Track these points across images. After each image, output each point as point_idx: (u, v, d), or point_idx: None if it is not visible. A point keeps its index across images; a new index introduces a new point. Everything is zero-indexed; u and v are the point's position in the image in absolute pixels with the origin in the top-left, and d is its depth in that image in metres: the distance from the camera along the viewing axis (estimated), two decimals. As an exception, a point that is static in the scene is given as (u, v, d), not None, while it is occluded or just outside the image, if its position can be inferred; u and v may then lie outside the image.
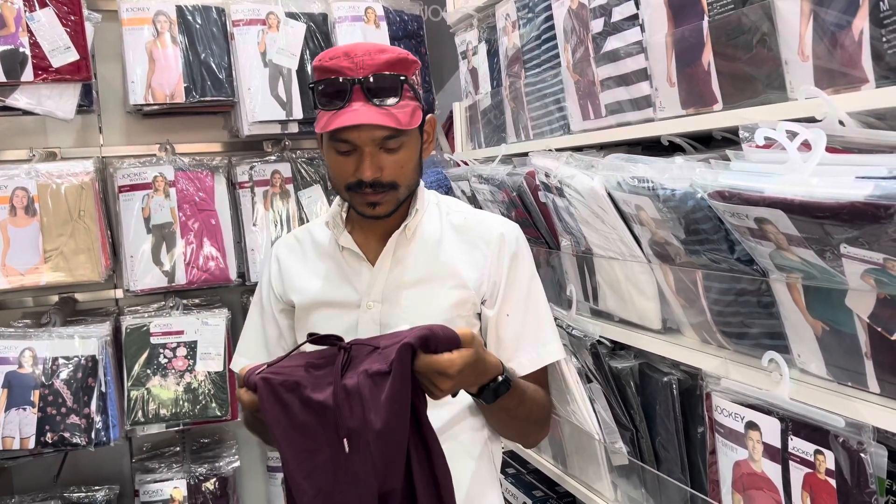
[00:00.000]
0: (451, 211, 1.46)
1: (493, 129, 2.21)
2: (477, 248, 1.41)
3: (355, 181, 1.31)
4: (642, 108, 1.45)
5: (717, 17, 1.21)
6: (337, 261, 1.43)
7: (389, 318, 1.38)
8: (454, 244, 1.42)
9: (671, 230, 1.24)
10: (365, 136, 1.28)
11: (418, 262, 1.40)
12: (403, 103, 1.29)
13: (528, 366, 1.41)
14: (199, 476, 2.60)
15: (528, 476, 2.22)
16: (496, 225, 1.44)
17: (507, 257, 1.41)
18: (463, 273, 1.39)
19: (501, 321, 1.41)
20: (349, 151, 1.31)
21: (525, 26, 1.89)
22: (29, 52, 2.32)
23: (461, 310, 1.39)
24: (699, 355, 1.33)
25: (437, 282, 1.39)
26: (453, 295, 1.38)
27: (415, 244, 1.41)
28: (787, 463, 1.11)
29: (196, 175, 2.61)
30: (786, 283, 1.07)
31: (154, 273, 2.51)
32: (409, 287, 1.39)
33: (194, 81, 2.52)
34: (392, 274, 1.39)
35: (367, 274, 1.40)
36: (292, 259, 1.49)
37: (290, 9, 2.64)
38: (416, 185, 1.40)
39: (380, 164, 1.30)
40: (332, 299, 1.42)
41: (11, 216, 2.37)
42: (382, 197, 1.33)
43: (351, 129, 1.28)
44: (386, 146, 1.30)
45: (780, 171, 0.97)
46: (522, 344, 1.42)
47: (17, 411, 2.27)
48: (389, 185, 1.32)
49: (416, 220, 1.41)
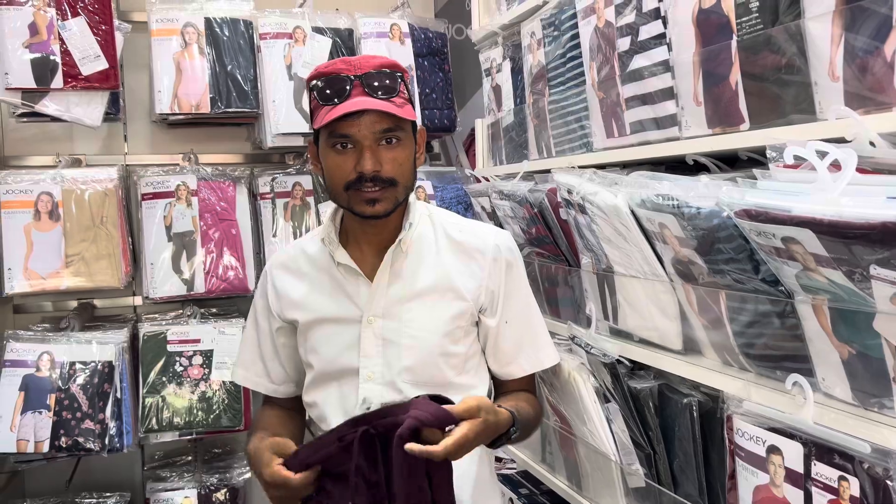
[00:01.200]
0: (444, 223, 1.47)
1: (514, 147, 2.21)
2: (473, 259, 1.44)
3: (355, 177, 1.32)
4: (667, 126, 1.44)
5: (745, 36, 1.21)
6: (333, 276, 1.44)
7: (391, 332, 1.40)
8: (450, 256, 1.43)
9: (695, 249, 1.23)
10: (365, 129, 1.30)
11: (416, 275, 1.41)
12: (400, 100, 1.33)
13: (528, 368, 1.49)
14: (209, 486, 2.59)
15: (541, 497, 2.20)
16: (490, 235, 1.47)
17: (503, 268, 1.45)
18: (460, 285, 1.41)
19: (501, 329, 1.46)
20: (348, 147, 1.32)
21: (550, 44, 1.90)
22: (59, 60, 2.36)
23: (460, 321, 1.42)
24: (721, 377, 1.31)
25: (437, 295, 1.41)
26: (453, 307, 1.41)
27: (411, 258, 1.42)
28: (810, 489, 1.09)
29: (218, 185, 2.63)
30: (811, 305, 1.06)
31: (173, 281, 2.52)
32: (409, 301, 1.40)
33: (220, 92, 2.55)
34: (391, 288, 1.41)
35: (366, 289, 1.41)
36: (288, 277, 1.49)
37: (316, 24, 2.67)
38: (411, 188, 1.41)
39: (379, 158, 1.32)
40: (332, 315, 1.43)
41: (36, 220, 2.40)
42: (382, 193, 1.33)
43: (351, 122, 1.30)
44: (385, 138, 1.32)
45: (808, 191, 0.96)
46: (522, 349, 1.48)
47: (32, 414, 2.29)
48: (389, 181, 1.33)
49: (410, 233, 1.42)
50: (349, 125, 1.30)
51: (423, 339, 1.39)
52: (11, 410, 2.28)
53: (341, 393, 1.42)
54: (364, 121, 1.30)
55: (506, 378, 1.51)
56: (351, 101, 1.30)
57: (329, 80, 1.32)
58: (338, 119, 1.30)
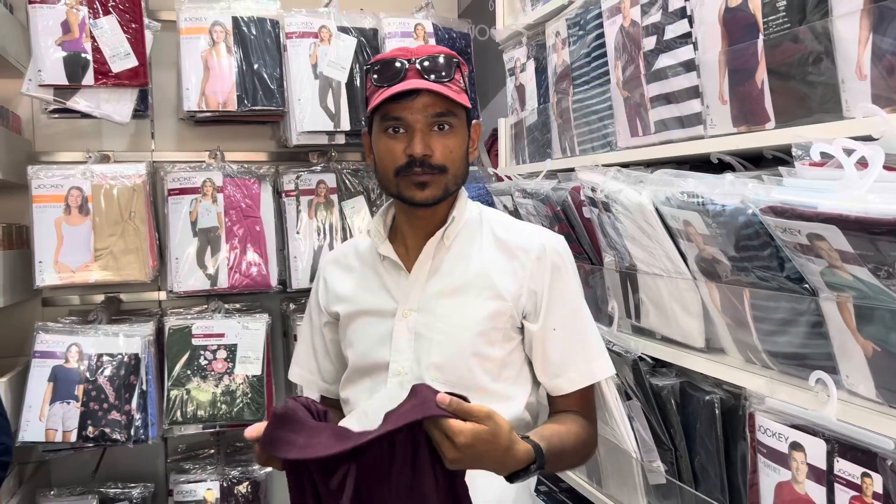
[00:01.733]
0: (492, 221, 1.44)
1: (537, 146, 2.22)
2: (516, 259, 1.38)
3: (405, 161, 1.31)
4: (692, 125, 1.45)
5: (772, 35, 1.22)
6: (377, 270, 1.43)
7: (424, 326, 1.36)
8: (492, 254, 1.39)
9: (720, 246, 1.24)
10: (418, 112, 1.30)
11: (455, 271, 1.38)
12: (455, 84, 1.32)
13: (578, 381, 1.38)
14: (232, 479, 2.63)
15: (560, 494, 2.21)
16: (537, 236, 1.41)
17: (548, 269, 1.37)
18: (500, 284, 1.36)
19: (548, 336, 1.37)
20: (400, 131, 1.32)
21: (575, 44, 1.91)
22: (91, 58, 2.40)
23: (497, 321, 1.36)
24: (743, 374, 1.32)
25: (474, 292, 1.36)
26: (489, 306, 1.36)
27: (452, 253, 1.39)
28: (833, 485, 1.09)
29: (243, 182, 2.66)
30: (836, 303, 1.06)
31: (198, 276, 2.56)
32: (444, 296, 1.37)
33: (246, 90, 2.59)
34: (429, 282, 1.38)
35: (405, 282, 1.39)
36: (337, 271, 1.50)
37: (342, 23, 2.70)
38: (462, 179, 1.39)
39: (430, 143, 1.31)
40: (370, 308, 1.41)
41: (66, 215, 2.45)
42: (431, 178, 1.31)
43: (404, 104, 1.29)
44: (437, 124, 1.31)
45: (835, 188, 0.97)
46: (571, 359, 1.37)
47: (61, 404, 2.33)
48: (439, 167, 1.32)
49: (455, 227, 1.40)
50: (401, 108, 1.30)
51: (454, 336, 1.34)
52: (40, 400, 2.33)
53: (372, 388, 1.40)
54: (416, 104, 1.29)
55: (556, 393, 1.40)
56: (405, 82, 1.30)
57: (385, 64, 1.32)
58: (391, 102, 1.30)
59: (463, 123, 1.36)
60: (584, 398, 1.40)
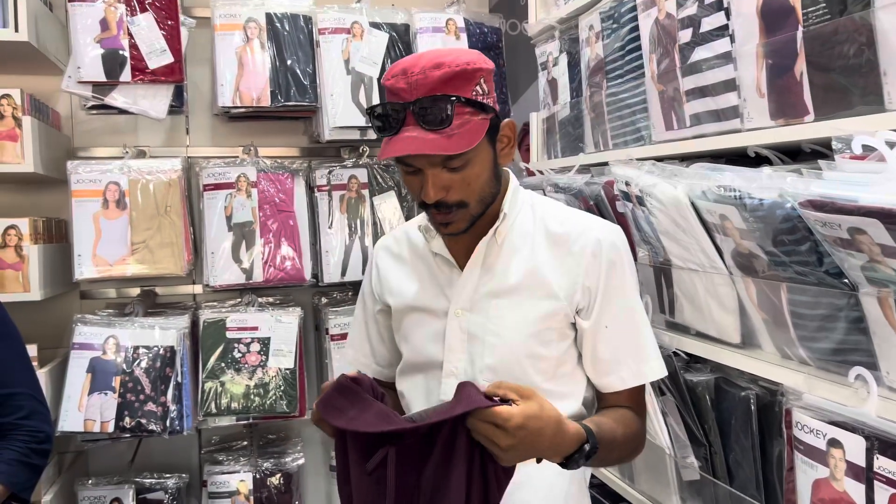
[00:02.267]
0: (546, 214, 1.38)
1: (570, 140, 2.22)
2: (570, 255, 1.33)
3: (423, 200, 1.29)
4: (729, 118, 1.44)
5: (812, 27, 1.20)
6: (429, 265, 1.41)
7: (475, 326, 1.34)
8: (546, 251, 1.35)
9: (757, 241, 1.23)
10: (422, 160, 1.25)
11: (508, 270, 1.34)
12: (460, 122, 1.23)
13: (629, 380, 1.34)
14: (264, 471, 2.66)
15: (591, 490, 2.20)
16: (594, 229, 1.35)
17: (604, 264, 1.32)
18: (553, 283, 1.32)
19: (600, 333, 1.33)
20: (414, 172, 1.28)
21: (609, 37, 1.90)
22: (128, 54, 2.44)
23: (551, 321, 1.33)
24: (781, 370, 1.31)
25: (527, 292, 1.33)
26: (543, 306, 1.32)
27: (505, 250, 1.36)
28: (872, 483, 1.08)
29: (277, 177, 2.69)
30: (877, 298, 1.05)
31: (233, 269, 2.59)
32: (497, 296, 1.34)
33: (280, 86, 2.61)
34: (481, 281, 1.35)
35: (457, 280, 1.37)
36: (390, 261, 1.48)
37: (374, 19, 2.71)
38: (492, 196, 1.33)
39: (443, 184, 1.26)
40: (423, 305, 1.40)
41: (104, 209, 2.49)
42: (451, 216, 1.29)
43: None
44: (449, 166, 1.25)
45: (876, 181, 0.96)
46: (623, 358, 1.34)
47: (99, 395, 2.38)
48: (456, 204, 1.28)
49: (505, 224, 1.35)
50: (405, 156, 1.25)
51: (507, 338, 1.32)
52: (79, 391, 2.38)
53: (427, 386, 1.39)
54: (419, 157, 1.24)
55: (606, 390, 1.37)
56: (403, 136, 1.23)
57: (381, 113, 1.26)
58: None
59: (482, 146, 1.27)
60: (634, 395, 1.37)
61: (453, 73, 1.22)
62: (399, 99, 1.24)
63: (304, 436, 2.95)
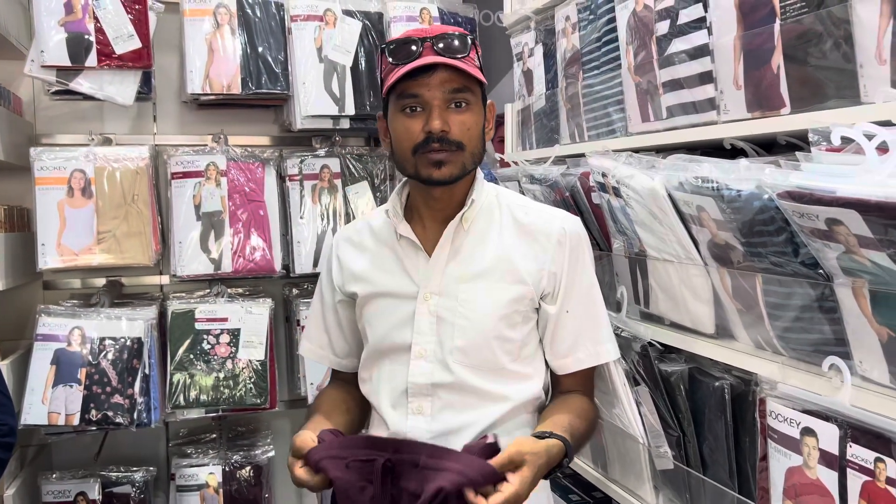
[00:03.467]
0: (510, 203, 1.45)
1: (545, 131, 2.22)
2: (537, 242, 1.40)
3: (423, 138, 1.32)
4: (705, 111, 1.44)
5: (789, 19, 1.21)
6: (395, 250, 1.43)
7: (445, 310, 1.38)
8: (513, 237, 1.41)
9: (733, 232, 1.24)
10: (435, 88, 1.30)
11: (475, 254, 1.40)
12: (471, 63, 1.33)
13: (585, 361, 1.43)
14: (234, 463, 2.63)
15: (563, 480, 2.21)
16: (558, 219, 1.43)
17: (568, 251, 1.40)
18: (521, 268, 1.38)
19: (561, 317, 1.41)
20: (417, 110, 1.33)
21: (585, 28, 1.90)
22: (94, 39, 2.38)
23: (518, 305, 1.39)
24: (755, 360, 1.32)
25: (496, 276, 1.38)
26: (511, 290, 1.38)
27: (472, 236, 1.41)
28: (845, 470, 1.09)
29: (247, 166, 2.65)
30: (851, 288, 1.06)
31: (201, 259, 2.55)
32: (467, 280, 1.38)
33: (251, 73, 2.57)
34: (449, 266, 1.39)
35: (425, 264, 1.40)
36: (351, 250, 1.50)
37: (347, 7, 2.68)
38: (479, 158, 1.39)
39: (448, 120, 1.32)
40: (390, 290, 1.42)
41: (69, 197, 2.43)
42: (449, 156, 1.32)
43: (421, 82, 1.30)
44: (455, 100, 1.32)
45: (854, 173, 0.97)
46: (581, 341, 1.42)
47: (63, 388, 2.32)
48: (456, 143, 1.32)
49: (473, 210, 1.40)
50: (418, 84, 1.31)
51: (477, 321, 1.37)
52: (43, 384, 2.32)
53: (392, 370, 1.42)
54: (433, 79, 1.30)
55: (562, 371, 1.44)
56: (422, 59, 1.30)
57: (400, 43, 1.33)
58: (407, 79, 1.31)
59: (479, 101, 1.37)
60: (586, 377, 1.47)
61: (462, 33, 1.35)
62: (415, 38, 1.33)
63: (273, 428, 2.92)
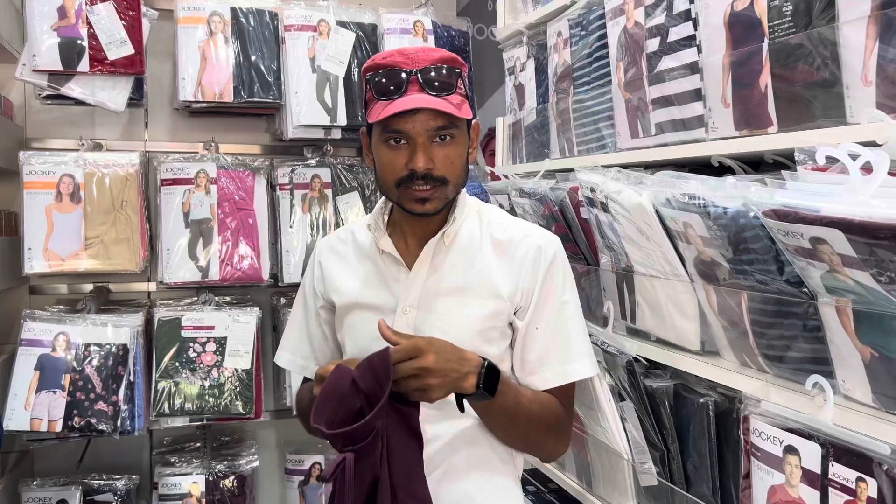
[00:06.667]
0: (491, 221, 1.45)
1: (535, 146, 2.22)
2: (513, 259, 1.40)
3: (407, 174, 1.31)
4: (694, 128, 1.45)
5: (778, 39, 1.22)
6: (376, 264, 1.44)
7: (424, 324, 1.38)
8: (492, 254, 1.41)
9: (719, 249, 1.24)
10: (419, 125, 1.29)
11: (455, 270, 1.40)
12: (456, 97, 1.32)
13: (551, 381, 1.39)
14: (217, 473, 2.61)
15: (549, 495, 2.20)
16: (535, 236, 1.42)
17: (541, 268, 1.39)
18: (499, 284, 1.38)
19: (530, 333, 1.39)
20: (401, 142, 1.32)
21: (577, 44, 1.91)
22: (87, 44, 2.38)
23: (496, 321, 1.38)
24: (739, 377, 1.32)
25: (473, 292, 1.38)
26: (488, 306, 1.38)
27: (453, 252, 1.41)
28: (827, 489, 1.09)
29: (238, 174, 2.64)
30: (835, 307, 1.06)
31: (189, 267, 2.54)
32: (444, 295, 1.39)
33: (243, 82, 2.57)
34: (429, 280, 1.40)
35: (405, 278, 1.41)
36: (334, 259, 1.50)
37: (341, 17, 2.69)
38: (462, 185, 1.39)
39: (432, 156, 1.31)
40: (369, 302, 1.42)
41: (57, 202, 2.42)
42: (432, 192, 1.33)
43: (406, 119, 1.29)
44: (439, 136, 1.31)
45: (838, 192, 0.97)
46: (548, 359, 1.39)
47: (47, 394, 2.31)
48: (440, 179, 1.32)
49: (454, 227, 1.41)
50: (403, 122, 1.29)
51: (454, 336, 1.33)
52: (26, 389, 2.30)
53: None
54: (419, 118, 1.29)
55: (530, 388, 1.40)
56: (407, 97, 1.29)
57: (386, 74, 1.31)
58: (392, 115, 1.29)
59: (464, 132, 1.36)
60: (561, 392, 1.41)
61: (450, 57, 1.34)
62: (400, 68, 1.31)
63: (258, 438, 2.90)
